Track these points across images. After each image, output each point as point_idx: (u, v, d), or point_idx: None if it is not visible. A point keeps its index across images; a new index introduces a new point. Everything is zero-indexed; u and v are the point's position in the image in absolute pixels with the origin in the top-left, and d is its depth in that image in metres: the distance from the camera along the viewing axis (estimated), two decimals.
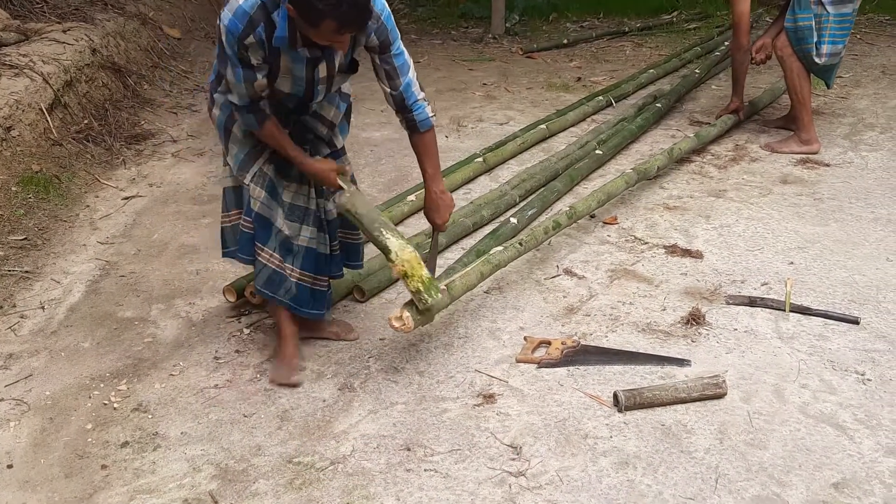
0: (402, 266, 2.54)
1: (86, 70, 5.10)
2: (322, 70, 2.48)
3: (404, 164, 4.53)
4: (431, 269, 2.76)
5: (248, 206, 2.64)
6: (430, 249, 2.92)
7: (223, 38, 2.33)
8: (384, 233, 2.57)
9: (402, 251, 2.55)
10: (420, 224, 3.71)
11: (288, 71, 2.43)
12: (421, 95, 2.62)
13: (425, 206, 2.81)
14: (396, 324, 2.55)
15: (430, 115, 2.65)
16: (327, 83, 2.54)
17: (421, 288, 2.55)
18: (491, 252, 3.04)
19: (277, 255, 2.67)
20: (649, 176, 4.08)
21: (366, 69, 2.62)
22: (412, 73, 2.59)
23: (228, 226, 2.79)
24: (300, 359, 2.81)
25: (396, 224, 3.69)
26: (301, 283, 2.72)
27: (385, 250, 2.57)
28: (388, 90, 2.59)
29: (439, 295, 2.62)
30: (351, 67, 2.57)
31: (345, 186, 2.61)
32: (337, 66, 2.51)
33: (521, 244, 3.12)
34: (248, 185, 2.62)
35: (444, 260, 3.41)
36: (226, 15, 2.30)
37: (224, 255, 2.87)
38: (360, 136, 5.01)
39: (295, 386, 2.70)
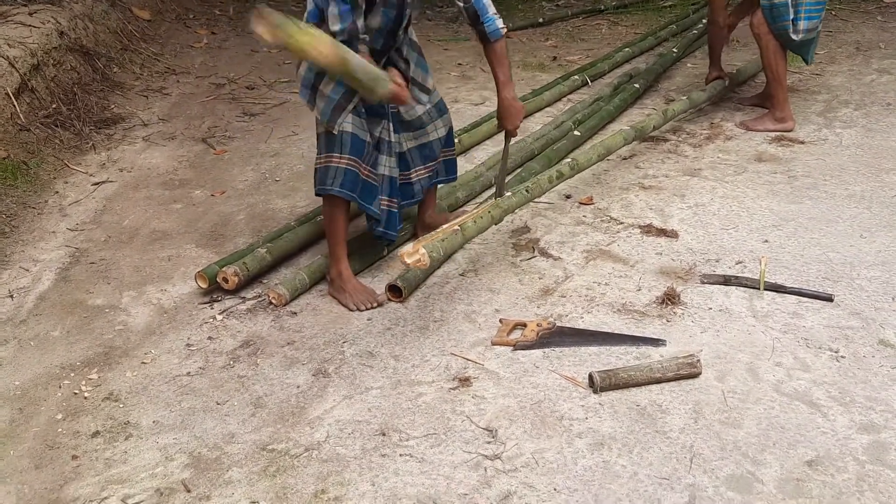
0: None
1: (53, 53, 5.00)
2: None
3: None
4: (502, 173, 3.00)
5: (341, 145, 2.91)
6: (503, 154, 3.15)
7: None
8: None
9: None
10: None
11: (384, 4, 2.78)
12: (492, 10, 2.89)
13: (498, 113, 3.05)
14: (409, 259, 2.63)
15: (500, 26, 2.92)
16: (411, 8, 2.91)
17: None
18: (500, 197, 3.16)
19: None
20: (645, 134, 4.21)
21: None
22: None
23: (321, 167, 2.98)
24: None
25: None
26: (391, 210, 3.13)
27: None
28: (462, 5, 2.87)
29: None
30: None
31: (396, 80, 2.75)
32: None
33: (527, 191, 3.21)
34: (340, 131, 2.91)
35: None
36: None
37: (317, 192, 3.02)
38: None
39: (381, 304, 3.00)
